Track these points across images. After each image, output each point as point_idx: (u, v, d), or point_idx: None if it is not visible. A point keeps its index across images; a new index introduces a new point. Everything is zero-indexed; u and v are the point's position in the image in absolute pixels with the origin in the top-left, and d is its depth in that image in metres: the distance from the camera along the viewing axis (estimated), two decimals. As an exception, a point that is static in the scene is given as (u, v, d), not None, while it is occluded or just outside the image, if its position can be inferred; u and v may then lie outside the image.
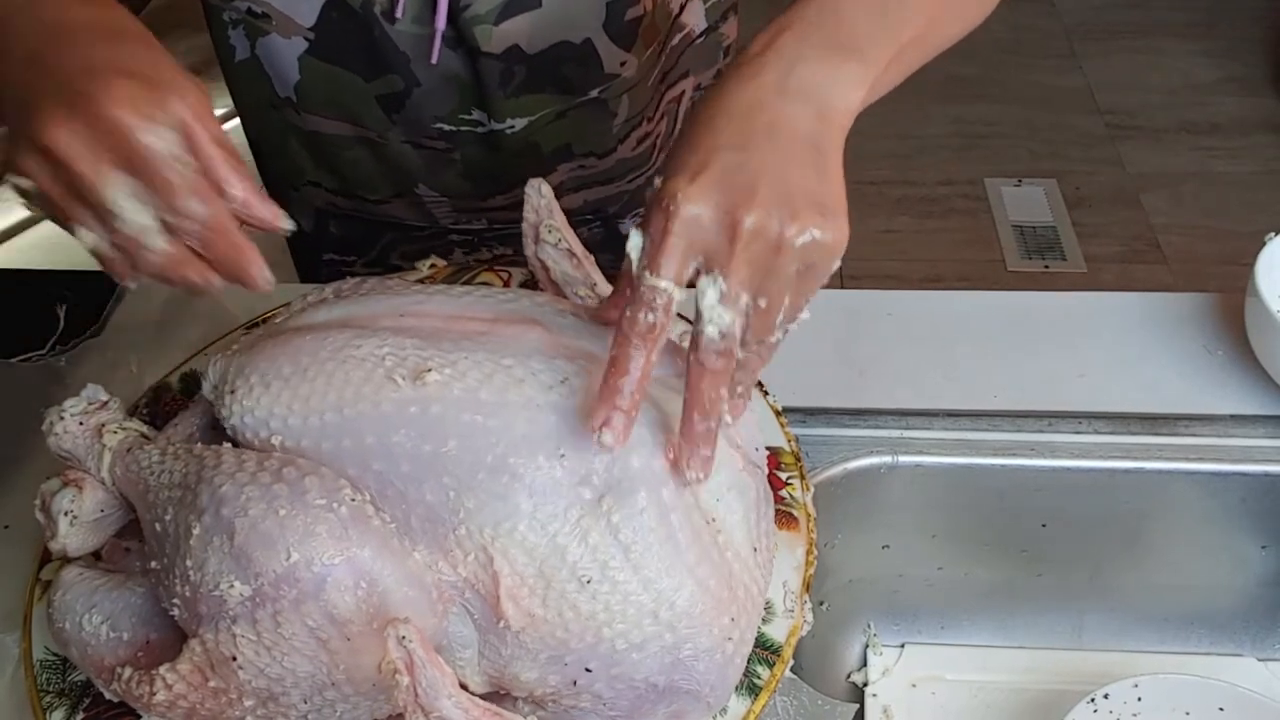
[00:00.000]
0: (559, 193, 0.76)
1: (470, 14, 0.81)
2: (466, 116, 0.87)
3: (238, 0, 0.84)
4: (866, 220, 2.48)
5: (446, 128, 0.88)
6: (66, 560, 0.63)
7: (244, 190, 0.52)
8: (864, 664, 0.86)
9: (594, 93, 0.87)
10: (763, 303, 0.51)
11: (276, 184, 1.00)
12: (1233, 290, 0.87)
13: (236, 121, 0.96)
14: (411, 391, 0.55)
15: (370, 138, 0.90)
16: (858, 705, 0.74)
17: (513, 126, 0.88)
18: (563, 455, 0.54)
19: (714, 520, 0.57)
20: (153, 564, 0.56)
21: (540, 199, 0.69)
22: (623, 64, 0.86)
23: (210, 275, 0.53)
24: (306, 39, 0.84)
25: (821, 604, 0.83)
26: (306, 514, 0.52)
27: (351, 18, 0.82)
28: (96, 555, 0.64)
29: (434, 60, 0.82)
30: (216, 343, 0.79)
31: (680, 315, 0.77)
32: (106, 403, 0.64)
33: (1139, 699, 0.72)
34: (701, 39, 0.95)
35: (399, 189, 0.95)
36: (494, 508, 0.53)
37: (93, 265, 0.55)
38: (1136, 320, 0.87)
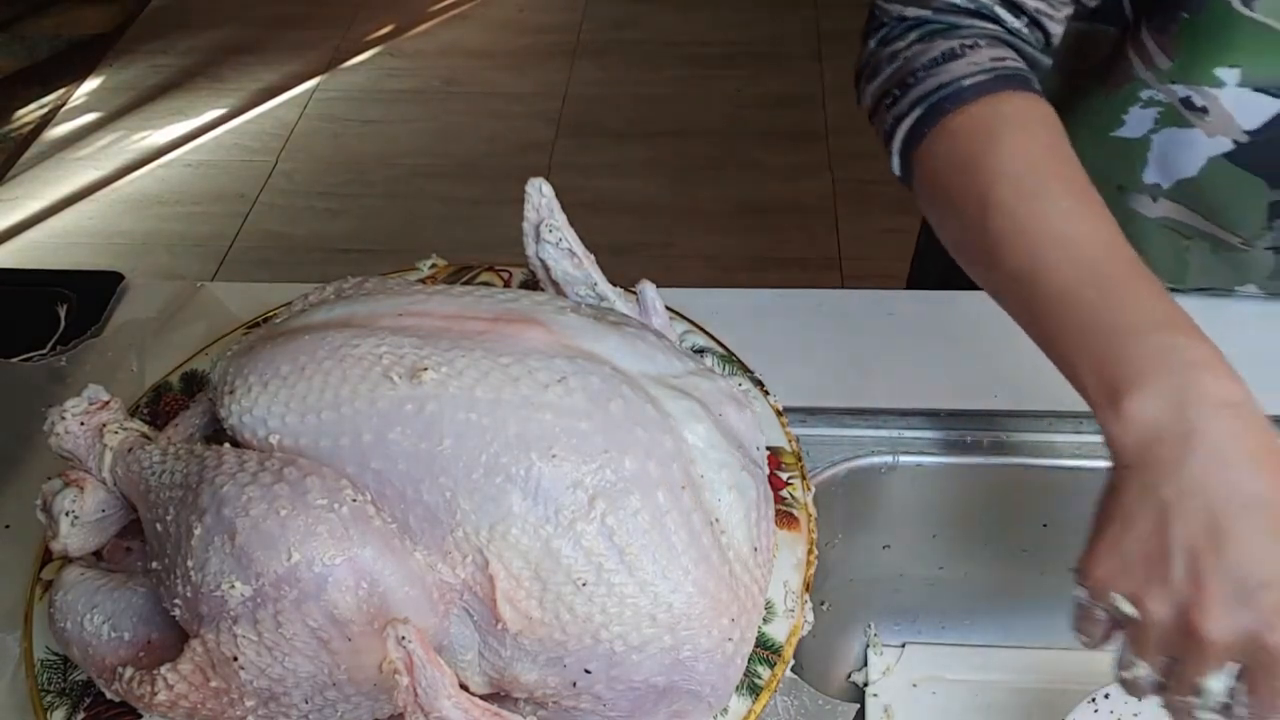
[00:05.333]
0: None
1: None
2: None
3: (1177, 85, 0.77)
4: (866, 220, 2.48)
5: None
6: (68, 560, 0.63)
7: None
8: (865, 664, 0.86)
9: None
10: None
11: None
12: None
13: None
14: (408, 390, 0.55)
15: (1219, 236, 0.85)
16: (858, 705, 0.74)
17: None
18: (555, 455, 0.54)
19: (717, 521, 0.57)
20: (154, 564, 0.56)
21: (541, 198, 0.69)
22: None
23: None
24: (1235, 142, 0.78)
25: (822, 604, 0.83)
26: (308, 514, 0.52)
27: None
28: (98, 555, 0.64)
29: None
30: (216, 343, 0.79)
31: (674, 312, 0.77)
32: (108, 403, 0.64)
33: (1140, 699, 0.72)
34: None
35: (1220, 282, 0.90)
36: (488, 509, 0.53)
37: (92, 265, 0.55)
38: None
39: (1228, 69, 0.74)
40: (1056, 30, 0.73)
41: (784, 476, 0.69)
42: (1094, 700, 0.72)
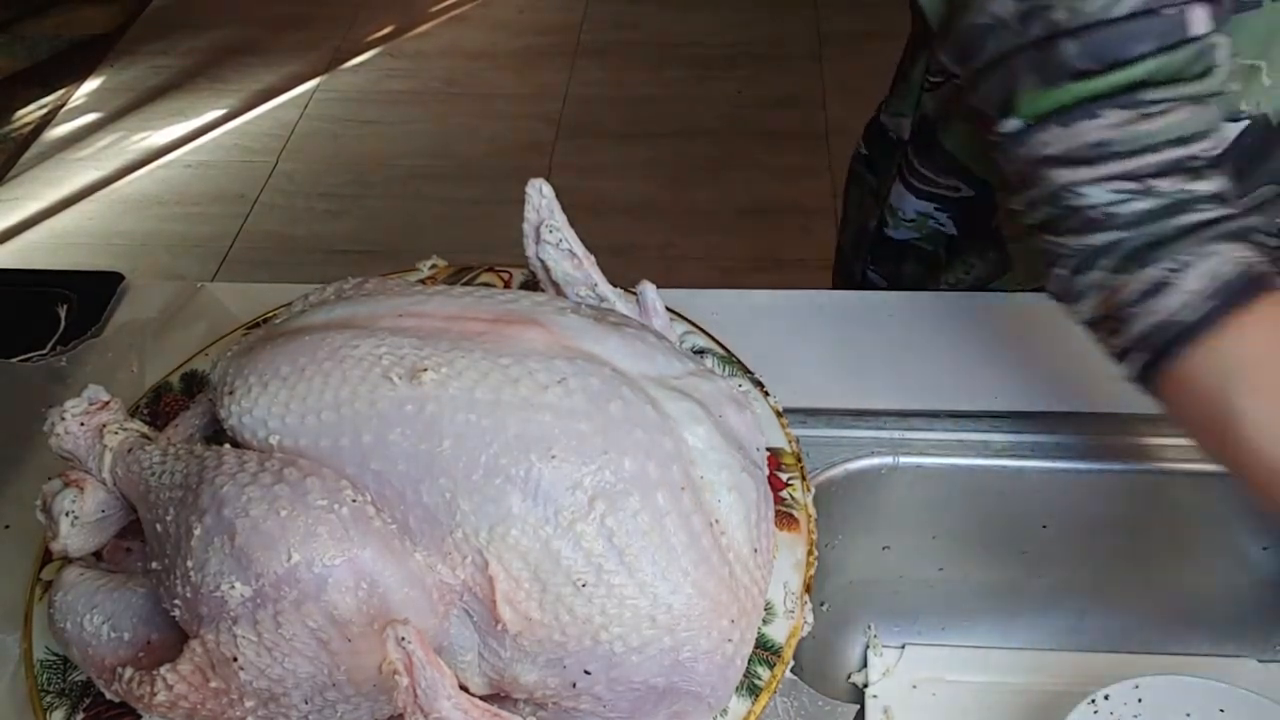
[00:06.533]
0: None
1: None
2: None
3: None
4: (867, 220, 2.48)
5: None
6: (67, 560, 0.63)
7: None
8: (864, 665, 0.86)
9: None
10: None
11: None
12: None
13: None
14: (407, 390, 0.55)
15: None
16: (858, 706, 0.74)
17: None
18: (554, 457, 0.54)
19: (716, 522, 0.57)
20: (154, 564, 0.56)
21: (541, 199, 0.69)
22: None
23: None
24: None
25: (822, 605, 0.83)
26: (308, 515, 0.52)
27: (1256, 139, 0.76)
28: (98, 555, 0.64)
29: None
30: (216, 343, 0.79)
31: (674, 313, 0.77)
32: (108, 403, 0.64)
33: (1139, 700, 0.72)
34: None
35: None
36: (488, 510, 0.53)
37: (92, 265, 0.55)
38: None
39: None
40: (1228, 140, 0.67)
41: (784, 477, 0.69)
42: (1094, 701, 0.72)
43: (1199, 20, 0.61)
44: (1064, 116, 0.62)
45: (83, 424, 0.62)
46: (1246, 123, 0.76)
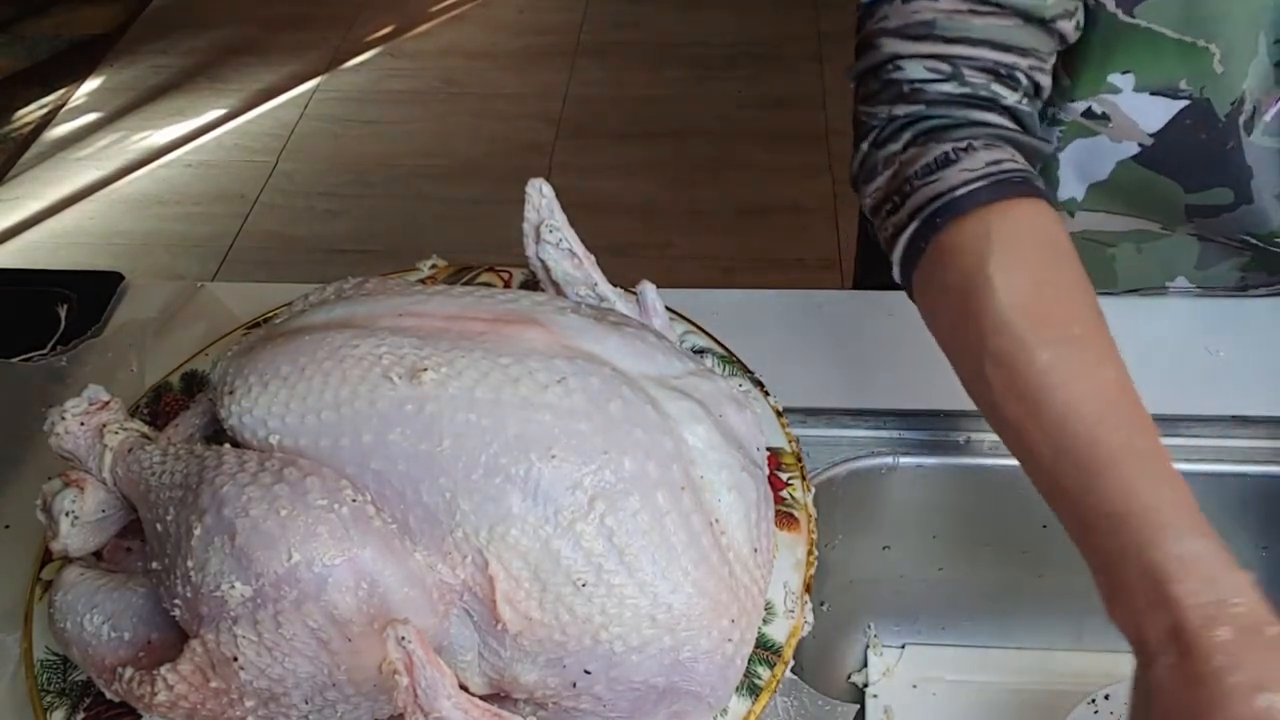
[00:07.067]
0: None
1: None
2: None
3: (1076, 102, 0.78)
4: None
5: (1254, 240, 0.83)
6: (68, 560, 0.63)
7: None
8: (865, 665, 0.86)
9: None
10: None
11: None
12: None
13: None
14: (407, 390, 0.55)
15: (1141, 226, 0.86)
16: (858, 706, 0.74)
17: None
18: (554, 456, 0.54)
19: (716, 522, 0.57)
20: (154, 564, 0.56)
21: (541, 198, 0.69)
22: None
23: None
24: (1140, 145, 0.79)
25: (822, 604, 0.83)
26: (308, 514, 0.52)
27: (1203, 128, 0.76)
28: (98, 555, 0.64)
29: None
30: (217, 343, 0.79)
31: (674, 313, 0.77)
32: (108, 403, 0.64)
33: (1139, 699, 0.72)
34: None
35: (1150, 281, 0.90)
36: (488, 510, 0.53)
37: (92, 265, 0.55)
38: (1137, 320, 0.87)
39: (1120, 75, 0.75)
40: (1048, 82, 0.72)
41: (784, 477, 0.69)
42: (1094, 701, 0.72)
43: None
44: None
45: (83, 424, 0.62)
46: (1186, 103, 0.76)
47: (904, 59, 0.68)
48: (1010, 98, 0.69)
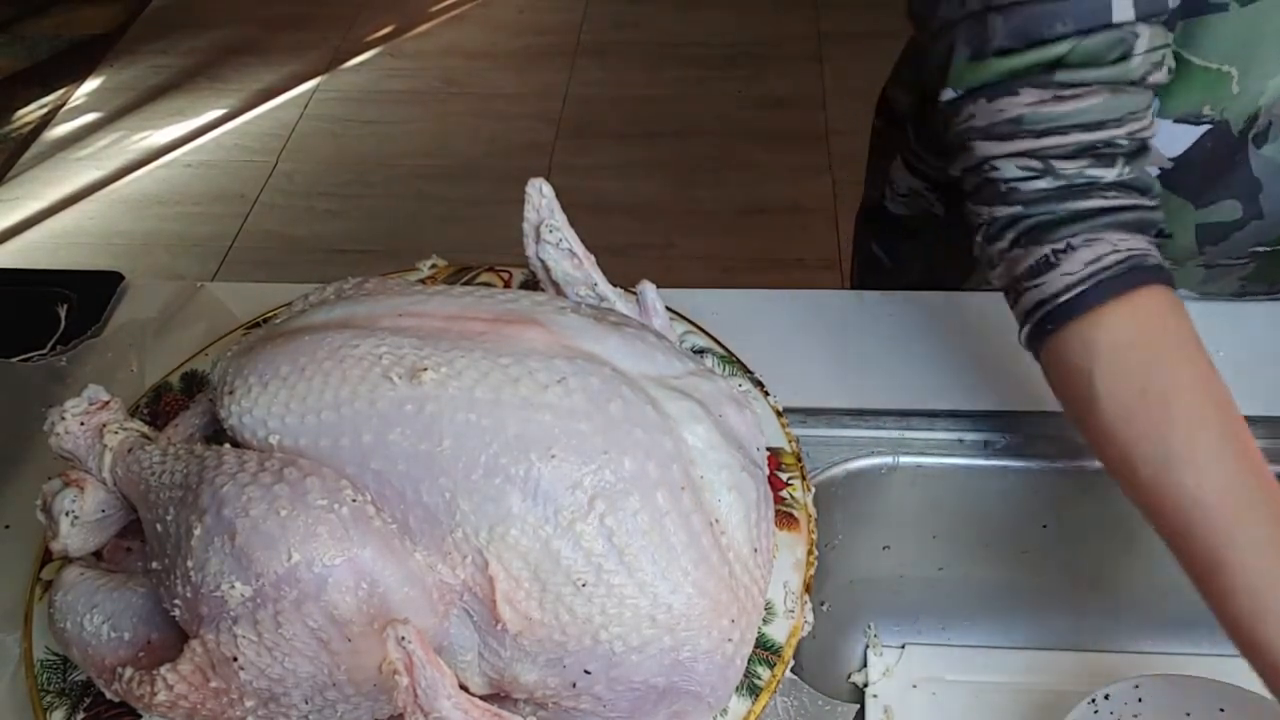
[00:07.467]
0: None
1: None
2: None
3: None
4: (867, 220, 2.48)
5: (1262, 249, 0.83)
6: (67, 560, 0.63)
7: None
8: (865, 664, 0.86)
9: None
10: None
11: None
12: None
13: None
14: (407, 390, 0.55)
15: None
16: (858, 706, 0.74)
17: None
18: (554, 456, 0.54)
19: (716, 522, 0.57)
20: (154, 564, 0.56)
21: (541, 198, 0.69)
22: None
23: None
24: (1160, 169, 0.78)
25: (822, 604, 0.83)
26: (308, 514, 0.52)
27: (1218, 146, 0.76)
28: (98, 555, 0.64)
29: None
30: (217, 343, 0.79)
31: (674, 312, 0.77)
32: (108, 403, 0.64)
33: (1140, 699, 0.72)
34: None
35: None
36: (488, 510, 0.53)
37: (92, 265, 0.55)
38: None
39: None
40: (1153, 129, 0.69)
41: (784, 477, 0.69)
42: (1094, 701, 0.72)
43: (1123, 7, 0.62)
44: (988, 91, 0.65)
45: (83, 424, 0.62)
46: (1208, 128, 0.76)
47: (997, 159, 0.66)
48: (1109, 175, 0.65)
